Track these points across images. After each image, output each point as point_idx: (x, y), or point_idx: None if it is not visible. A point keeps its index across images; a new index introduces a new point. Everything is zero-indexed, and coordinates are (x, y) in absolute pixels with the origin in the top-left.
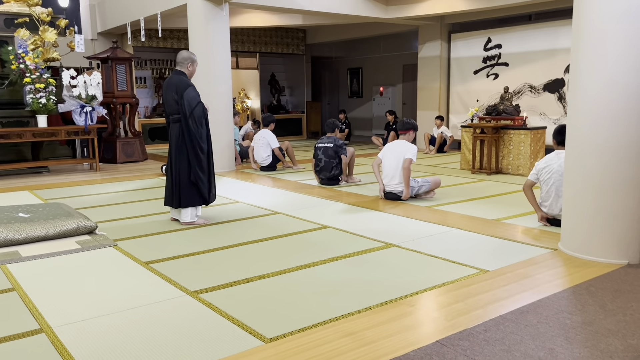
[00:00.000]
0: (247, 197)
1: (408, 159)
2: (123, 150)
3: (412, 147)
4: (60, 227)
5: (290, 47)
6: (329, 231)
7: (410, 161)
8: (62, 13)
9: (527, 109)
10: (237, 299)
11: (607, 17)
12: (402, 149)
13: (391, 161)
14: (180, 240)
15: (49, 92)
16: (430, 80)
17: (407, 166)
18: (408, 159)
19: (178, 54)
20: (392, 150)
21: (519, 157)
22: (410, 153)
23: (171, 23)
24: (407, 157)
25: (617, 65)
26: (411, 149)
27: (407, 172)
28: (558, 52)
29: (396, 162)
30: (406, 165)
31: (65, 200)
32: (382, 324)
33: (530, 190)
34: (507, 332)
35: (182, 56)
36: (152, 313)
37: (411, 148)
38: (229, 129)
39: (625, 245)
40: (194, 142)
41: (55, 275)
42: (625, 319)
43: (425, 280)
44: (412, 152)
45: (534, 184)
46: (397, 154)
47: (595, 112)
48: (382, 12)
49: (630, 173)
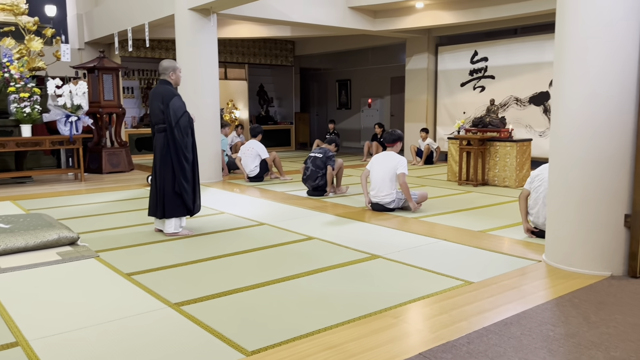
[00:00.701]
0: (233, 208)
1: (401, 174)
2: (109, 161)
3: (402, 160)
4: (41, 238)
5: (279, 58)
6: (314, 242)
7: (404, 176)
8: (48, 22)
9: (513, 122)
10: (219, 311)
11: (588, 31)
12: (392, 162)
13: (379, 172)
14: (163, 251)
15: (33, 102)
16: (418, 92)
17: (402, 182)
18: (401, 174)
19: (160, 64)
20: (380, 161)
21: (505, 169)
22: (402, 167)
23: (159, 33)
24: (399, 172)
25: (599, 78)
26: (402, 163)
27: (404, 187)
28: (543, 65)
29: (383, 174)
30: (402, 181)
31: (48, 210)
32: (365, 336)
33: (525, 200)
34: (491, 344)
35: (163, 66)
36: (132, 326)
37: (402, 162)
38: (216, 140)
39: (609, 256)
40: (178, 152)
41: (33, 286)
42: (608, 331)
43: (410, 291)
44: (403, 166)
45: (529, 193)
46: (386, 166)
47: (577, 124)
48: (369, 25)
49: (612, 185)
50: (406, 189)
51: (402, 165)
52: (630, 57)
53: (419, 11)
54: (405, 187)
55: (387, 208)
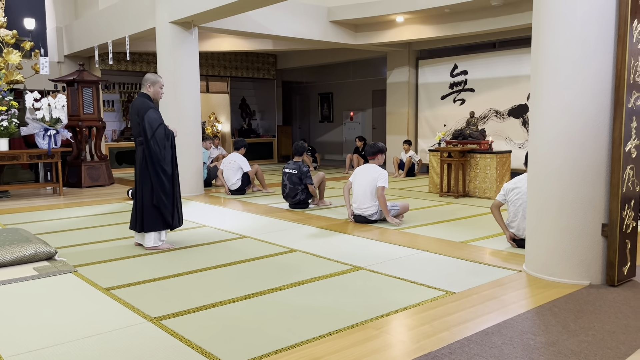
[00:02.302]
0: (215, 221)
1: (380, 187)
2: (88, 174)
3: (383, 173)
4: (17, 253)
5: (261, 71)
6: (296, 255)
7: (382, 189)
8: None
9: (493, 134)
10: (199, 325)
11: (561, 45)
12: (373, 174)
13: (361, 185)
14: (143, 265)
15: (11, 115)
16: (399, 105)
17: (380, 194)
18: (380, 187)
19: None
20: (362, 174)
21: (485, 181)
22: (382, 180)
23: (140, 46)
24: (379, 185)
25: (573, 91)
26: (382, 176)
27: (382, 199)
28: (521, 78)
29: (365, 186)
30: (379, 193)
31: (25, 225)
32: (347, 347)
33: (498, 210)
34: (472, 354)
35: (145, 77)
36: (110, 341)
37: (382, 174)
38: (198, 153)
39: (587, 266)
40: (155, 165)
41: (9, 302)
42: (587, 339)
43: (392, 302)
44: (384, 179)
45: (501, 205)
46: (368, 179)
47: (553, 135)
48: (351, 38)
49: (589, 195)
50: (383, 203)
51: (382, 178)
52: (603, 71)
53: (399, 25)
54: (382, 200)
55: (370, 220)
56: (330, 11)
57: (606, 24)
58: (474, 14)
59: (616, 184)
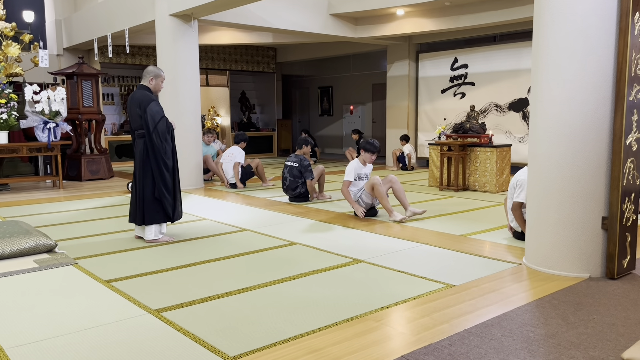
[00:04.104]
0: (215, 214)
1: (344, 181)
2: (88, 168)
3: (347, 168)
4: (17, 245)
5: (261, 65)
6: (296, 247)
7: (344, 184)
8: (26, 28)
9: (493, 127)
10: (200, 317)
11: (563, 37)
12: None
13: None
14: (143, 258)
15: (10, 108)
16: (399, 99)
17: (341, 188)
18: (344, 181)
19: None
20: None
21: (485, 174)
22: (346, 174)
23: (139, 39)
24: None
25: (574, 84)
26: (346, 171)
27: (344, 193)
28: (522, 72)
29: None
30: (341, 187)
31: (25, 218)
32: (347, 339)
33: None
34: (472, 346)
35: (146, 70)
36: (111, 333)
37: (347, 170)
38: (198, 146)
39: (587, 259)
40: (157, 158)
41: (9, 294)
42: (587, 331)
43: (391, 295)
44: (346, 173)
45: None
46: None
47: (554, 128)
48: (351, 32)
49: (589, 188)
50: (345, 194)
51: (346, 171)
52: (604, 63)
53: (399, 18)
54: (343, 193)
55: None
56: (331, 4)
57: (607, 16)
58: (474, 7)
59: (616, 176)
